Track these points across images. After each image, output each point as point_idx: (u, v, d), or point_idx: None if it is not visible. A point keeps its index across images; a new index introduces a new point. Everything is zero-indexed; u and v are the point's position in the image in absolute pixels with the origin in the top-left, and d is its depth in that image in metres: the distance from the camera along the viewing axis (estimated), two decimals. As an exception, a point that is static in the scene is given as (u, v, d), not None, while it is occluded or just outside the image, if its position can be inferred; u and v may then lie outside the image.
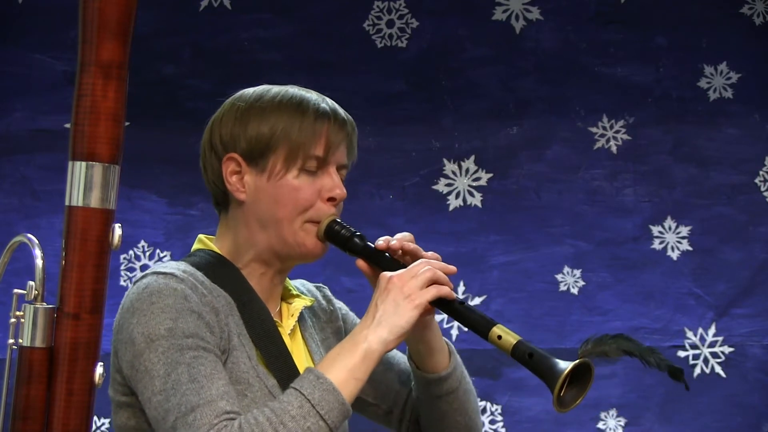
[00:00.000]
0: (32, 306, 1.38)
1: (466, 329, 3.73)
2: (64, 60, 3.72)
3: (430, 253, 1.84)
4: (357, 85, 3.83)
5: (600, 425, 3.80)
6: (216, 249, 1.86)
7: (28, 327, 1.37)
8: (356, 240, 1.83)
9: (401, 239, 1.84)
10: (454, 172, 3.85)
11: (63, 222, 1.37)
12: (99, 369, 1.38)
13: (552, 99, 3.90)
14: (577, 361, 1.69)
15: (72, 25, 1.60)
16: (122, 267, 3.72)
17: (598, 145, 3.90)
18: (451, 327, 3.76)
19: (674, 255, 3.87)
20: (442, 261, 1.82)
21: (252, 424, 1.61)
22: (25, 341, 1.37)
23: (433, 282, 1.76)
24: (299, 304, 1.90)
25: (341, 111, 1.85)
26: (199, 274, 1.77)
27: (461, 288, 3.79)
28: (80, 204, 1.36)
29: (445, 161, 3.85)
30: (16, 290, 1.41)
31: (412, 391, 1.97)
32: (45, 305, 1.38)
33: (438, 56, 3.88)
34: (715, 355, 3.84)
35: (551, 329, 3.78)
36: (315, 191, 1.82)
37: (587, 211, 3.88)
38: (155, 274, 1.73)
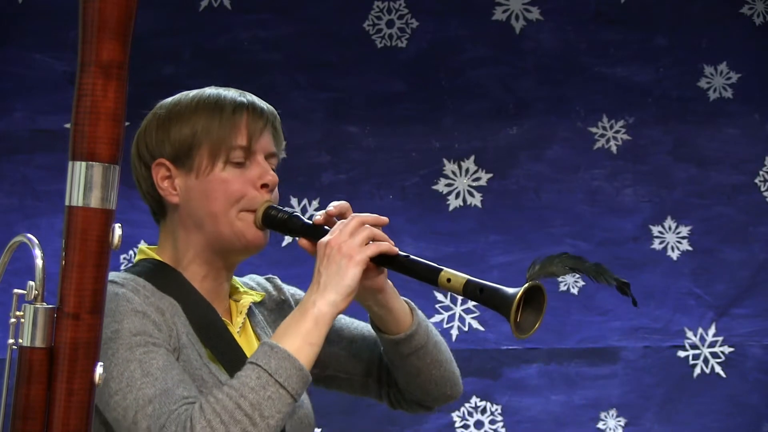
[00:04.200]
0: (32, 306, 1.37)
1: (466, 329, 3.74)
2: (64, 60, 3.72)
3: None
4: (357, 85, 3.83)
5: (600, 425, 3.80)
6: (157, 257, 1.87)
7: (28, 327, 1.37)
8: (294, 219, 1.83)
9: (340, 207, 1.83)
10: (454, 172, 3.85)
11: (63, 222, 1.37)
12: (99, 369, 1.38)
13: (552, 99, 3.90)
14: (527, 284, 1.69)
15: (72, 25, 1.60)
16: (122, 267, 3.72)
17: (598, 145, 3.90)
18: (451, 327, 3.76)
19: (674, 255, 3.87)
20: (441, 261, 1.82)
21: (212, 403, 1.61)
22: (25, 341, 1.37)
23: (372, 239, 1.76)
24: (246, 301, 1.91)
25: (260, 101, 1.87)
26: (140, 279, 1.79)
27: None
28: (80, 204, 1.36)
29: (445, 161, 3.85)
30: (16, 290, 1.41)
31: (383, 356, 1.97)
32: (45, 305, 1.38)
33: (438, 56, 3.88)
34: (715, 355, 3.84)
35: (551, 329, 3.78)
36: (245, 181, 1.82)
37: (587, 211, 3.88)
38: None
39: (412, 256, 1.78)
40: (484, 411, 3.78)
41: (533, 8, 3.90)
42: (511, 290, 1.69)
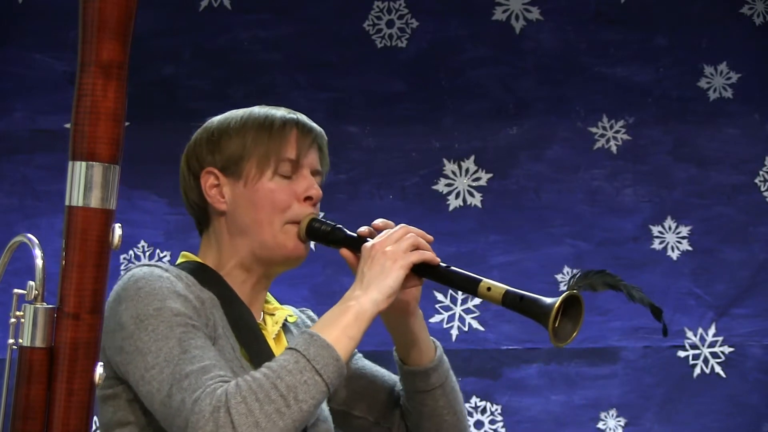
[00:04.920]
0: (32, 306, 1.37)
1: (466, 329, 3.74)
2: (64, 60, 3.72)
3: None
4: (357, 85, 3.83)
5: (600, 425, 3.80)
6: (200, 261, 1.92)
7: (28, 327, 1.37)
8: (337, 231, 1.87)
9: (385, 222, 1.89)
10: (454, 172, 3.85)
11: (63, 222, 1.37)
12: (99, 369, 1.38)
13: (552, 99, 3.90)
14: (566, 293, 1.75)
15: (72, 25, 1.60)
16: (122, 267, 3.72)
17: (598, 145, 3.90)
18: (451, 327, 3.76)
19: (674, 255, 3.87)
20: (442, 260, 1.84)
21: (249, 381, 1.63)
22: (25, 341, 1.37)
23: (416, 248, 1.80)
24: (283, 313, 1.96)
25: (308, 120, 1.93)
26: (182, 271, 1.82)
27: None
28: (80, 204, 1.36)
29: (445, 161, 3.85)
30: (16, 290, 1.41)
31: (401, 399, 1.99)
32: (45, 305, 1.38)
33: (438, 56, 3.88)
34: (715, 355, 3.84)
35: (551, 329, 3.77)
36: (291, 192, 1.88)
37: (587, 211, 3.88)
38: (139, 266, 1.79)
39: (452, 267, 1.82)
40: (484, 411, 3.78)
41: (533, 8, 3.90)
42: (549, 300, 1.75)
